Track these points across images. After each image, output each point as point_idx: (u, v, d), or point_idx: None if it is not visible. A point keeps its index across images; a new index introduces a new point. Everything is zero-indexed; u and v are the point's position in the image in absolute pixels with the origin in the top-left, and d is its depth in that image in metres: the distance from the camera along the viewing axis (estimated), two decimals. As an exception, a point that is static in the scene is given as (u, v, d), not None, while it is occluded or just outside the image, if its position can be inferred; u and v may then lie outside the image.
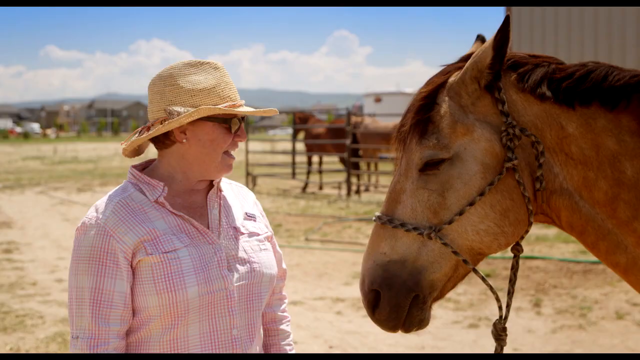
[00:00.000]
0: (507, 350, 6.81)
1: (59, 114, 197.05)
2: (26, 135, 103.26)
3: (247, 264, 2.45)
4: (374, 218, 2.36)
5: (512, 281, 2.47)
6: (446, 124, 2.26)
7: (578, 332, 7.36)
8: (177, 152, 2.44)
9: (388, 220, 2.29)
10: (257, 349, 2.50)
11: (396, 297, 2.26)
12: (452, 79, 2.32)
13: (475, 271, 2.30)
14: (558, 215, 2.30)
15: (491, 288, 2.38)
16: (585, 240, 2.30)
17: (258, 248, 2.51)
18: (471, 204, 2.22)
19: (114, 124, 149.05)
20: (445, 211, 2.25)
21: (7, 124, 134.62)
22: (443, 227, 2.23)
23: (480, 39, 2.61)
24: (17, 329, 7.79)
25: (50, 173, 31.56)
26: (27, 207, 19.07)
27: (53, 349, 7.08)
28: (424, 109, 2.30)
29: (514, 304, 8.30)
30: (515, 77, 2.27)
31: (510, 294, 2.48)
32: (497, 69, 2.22)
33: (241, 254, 2.46)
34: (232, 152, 2.48)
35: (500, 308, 2.45)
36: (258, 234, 2.56)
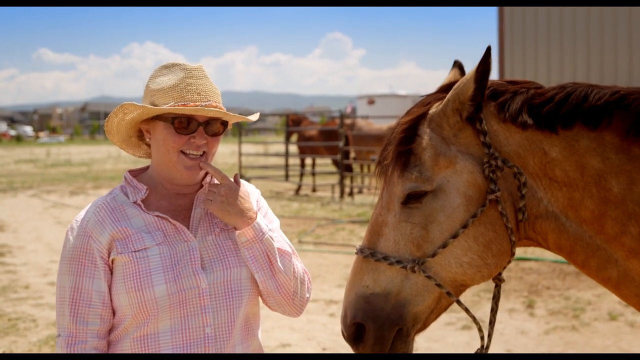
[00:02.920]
0: (500, 351, 6.82)
1: (51, 117, 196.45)
2: (19, 139, 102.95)
3: (223, 261, 2.44)
4: (355, 251, 2.34)
5: (494, 310, 2.49)
6: (428, 156, 2.25)
7: (571, 333, 7.37)
8: (152, 154, 2.52)
9: (370, 254, 2.27)
10: (237, 350, 2.47)
11: (380, 330, 2.24)
12: (432, 110, 2.31)
13: (459, 303, 2.30)
14: (545, 238, 2.29)
15: (474, 319, 2.39)
16: (575, 260, 2.28)
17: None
18: (454, 236, 2.20)
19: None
20: (428, 244, 2.23)
21: (0, 127, 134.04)
22: (426, 261, 2.22)
23: (458, 65, 2.61)
24: (9, 332, 7.76)
25: (43, 176, 31.45)
26: (19, 210, 19.01)
27: (46, 352, 7.05)
28: (406, 141, 2.29)
29: (507, 305, 8.33)
30: (495, 106, 2.26)
31: (491, 323, 2.49)
32: (479, 100, 2.21)
33: (219, 251, 2.46)
34: (194, 153, 2.44)
35: (482, 338, 2.45)
36: None
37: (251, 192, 2.63)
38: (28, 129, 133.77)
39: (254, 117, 2.67)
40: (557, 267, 10.29)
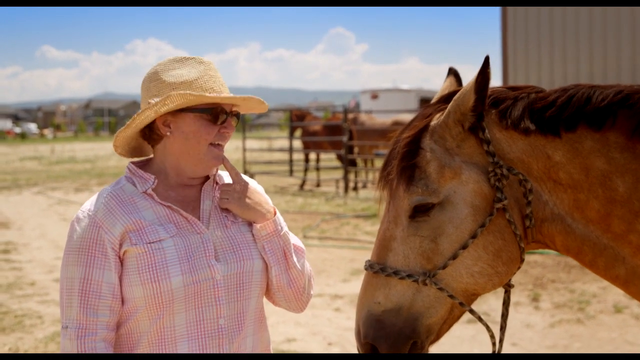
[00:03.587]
0: (505, 344, 6.82)
1: (55, 114, 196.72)
2: (23, 136, 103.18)
3: (237, 253, 2.45)
4: (365, 267, 2.34)
5: (505, 316, 2.49)
6: (433, 169, 2.24)
7: (576, 326, 7.38)
8: (165, 147, 2.47)
9: (380, 269, 2.27)
10: (248, 340, 2.48)
11: (394, 346, 2.24)
12: (434, 122, 2.30)
13: (472, 312, 2.29)
14: (552, 240, 2.29)
15: (487, 327, 2.39)
16: (583, 260, 2.28)
17: (251, 238, 2.50)
18: (464, 247, 2.20)
19: (111, 124, 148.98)
20: (438, 256, 2.23)
21: (6, 124, 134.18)
22: (437, 273, 2.22)
23: (453, 73, 2.62)
24: (15, 329, 7.79)
25: (48, 173, 31.51)
26: (24, 207, 19.05)
27: (52, 349, 7.08)
28: (409, 156, 2.28)
29: (512, 299, 8.30)
30: (496, 114, 2.26)
31: (502, 329, 2.49)
32: (480, 110, 2.21)
33: (230, 243, 2.46)
34: (222, 143, 2.47)
35: (494, 344, 2.45)
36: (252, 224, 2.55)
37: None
38: (32, 126, 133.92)
39: (249, 99, 2.61)
40: (562, 260, 10.29)
